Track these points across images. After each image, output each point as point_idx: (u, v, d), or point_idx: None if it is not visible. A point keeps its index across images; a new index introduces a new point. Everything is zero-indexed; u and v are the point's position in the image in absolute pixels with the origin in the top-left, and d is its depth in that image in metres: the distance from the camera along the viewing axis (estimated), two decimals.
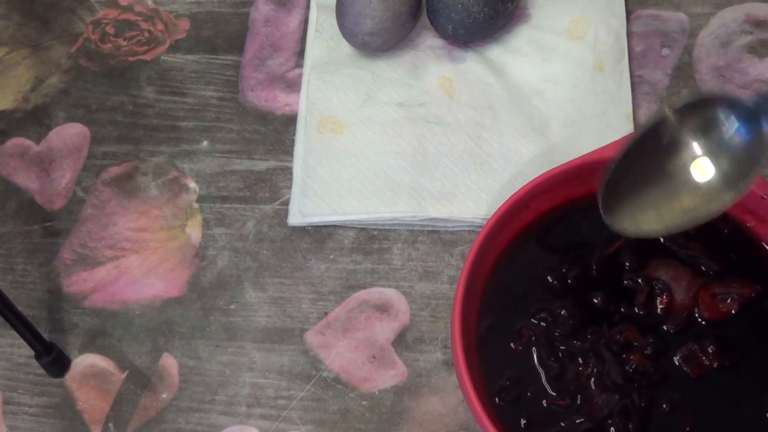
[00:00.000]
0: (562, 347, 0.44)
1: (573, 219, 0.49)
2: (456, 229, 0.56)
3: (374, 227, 0.57)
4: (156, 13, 0.66)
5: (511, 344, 0.45)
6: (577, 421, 0.42)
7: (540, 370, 0.44)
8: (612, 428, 0.42)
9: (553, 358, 0.44)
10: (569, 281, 0.46)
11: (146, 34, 0.65)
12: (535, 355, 0.45)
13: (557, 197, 0.48)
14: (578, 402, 0.43)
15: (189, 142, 0.61)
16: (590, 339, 0.44)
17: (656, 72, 0.61)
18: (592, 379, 0.43)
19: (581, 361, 0.44)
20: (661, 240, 0.47)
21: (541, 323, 0.45)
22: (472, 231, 0.56)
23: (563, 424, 0.43)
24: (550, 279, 0.47)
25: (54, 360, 0.52)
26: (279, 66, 0.63)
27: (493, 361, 0.45)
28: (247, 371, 0.53)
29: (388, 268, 0.55)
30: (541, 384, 0.44)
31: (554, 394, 0.44)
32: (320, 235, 0.57)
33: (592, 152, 0.47)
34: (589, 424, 0.42)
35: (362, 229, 0.57)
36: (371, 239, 0.56)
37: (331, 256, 0.56)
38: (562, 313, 0.45)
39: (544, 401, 0.43)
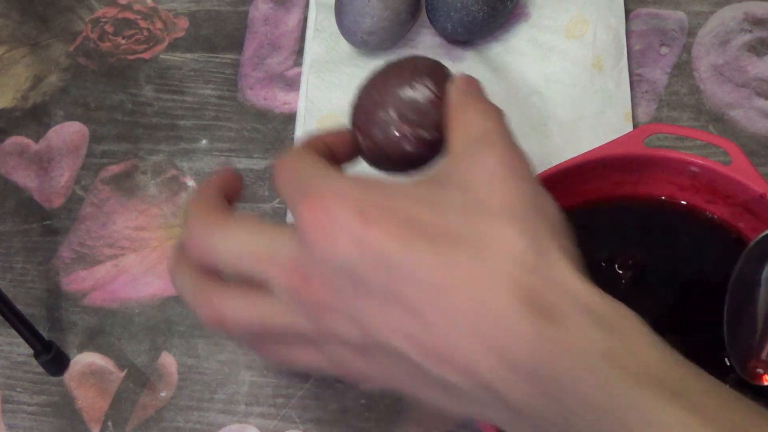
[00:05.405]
0: None
1: (573, 218, 0.49)
2: None
3: None
4: (155, 11, 0.66)
5: None
6: None
7: None
8: None
9: None
10: None
11: (145, 33, 0.65)
12: None
13: (555, 196, 0.48)
14: None
15: (188, 140, 0.61)
16: None
17: (655, 70, 0.61)
18: None
19: None
20: None
21: None
22: None
23: None
24: None
25: (53, 358, 0.52)
26: (278, 64, 0.63)
27: None
28: (246, 370, 0.53)
29: None
30: None
31: None
32: None
33: (591, 151, 0.47)
34: None
35: None
36: None
37: None
38: None
39: None
